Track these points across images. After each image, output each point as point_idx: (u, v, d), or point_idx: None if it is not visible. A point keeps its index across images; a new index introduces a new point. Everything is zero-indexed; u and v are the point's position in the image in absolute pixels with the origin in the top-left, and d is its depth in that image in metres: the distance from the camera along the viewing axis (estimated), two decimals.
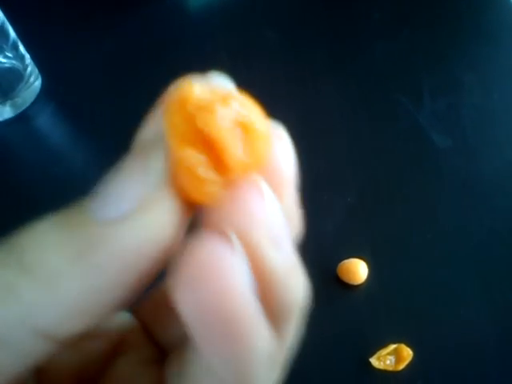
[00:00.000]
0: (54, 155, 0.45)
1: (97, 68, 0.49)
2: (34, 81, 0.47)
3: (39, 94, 0.47)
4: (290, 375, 0.15)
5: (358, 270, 0.36)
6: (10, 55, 0.45)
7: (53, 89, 0.48)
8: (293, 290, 0.13)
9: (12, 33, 0.45)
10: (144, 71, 0.49)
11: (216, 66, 0.53)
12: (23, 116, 0.46)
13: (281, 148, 0.14)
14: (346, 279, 0.36)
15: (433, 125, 0.44)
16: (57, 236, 0.11)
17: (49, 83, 0.48)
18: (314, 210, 0.15)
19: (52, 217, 0.12)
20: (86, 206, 0.12)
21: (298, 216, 0.14)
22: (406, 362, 0.33)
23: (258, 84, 0.47)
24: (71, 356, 0.16)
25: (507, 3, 0.51)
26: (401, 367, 0.33)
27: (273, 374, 0.13)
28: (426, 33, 0.50)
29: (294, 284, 0.13)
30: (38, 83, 0.48)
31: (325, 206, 0.40)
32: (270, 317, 0.12)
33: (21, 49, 0.46)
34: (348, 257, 0.37)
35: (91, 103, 0.47)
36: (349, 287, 0.36)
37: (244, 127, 0.13)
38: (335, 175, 0.41)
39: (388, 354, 0.33)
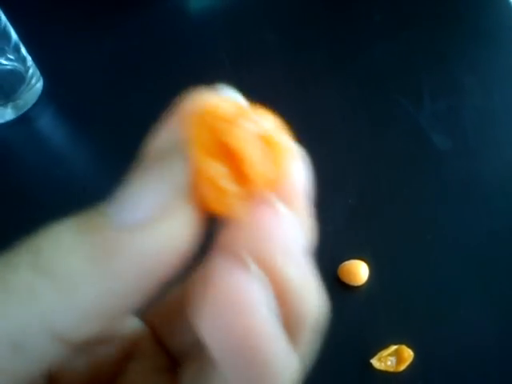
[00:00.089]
0: (56, 157, 0.45)
1: (98, 70, 0.49)
2: (36, 83, 0.47)
3: (41, 96, 0.47)
4: None
5: (359, 272, 0.36)
6: (12, 57, 0.45)
7: (54, 91, 0.48)
8: (310, 303, 0.13)
9: (14, 35, 0.45)
10: (145, 73, 0.49)
11: (217, 68, 0.53)
12: (25, 118, 0.46)
13: (298, 162, 0.14)
14: (347, 280, 0.36)
15: (433, 126, 0.44)
16: (76, 239, 0.12)
17: (50, 85, 0.48)
18: (315, 212, 0.15)
19: (70, 220, 0.12)
20: (105, 211, 0.12)
21: (310, 226, 0.15)
22: (407, 363, 0.33)
23: (259, 86, 0.47)
24: (83, 362, 0.16)
25: (507, 4, 0.51)
26: (402, 368, 0.33)
27: None
28: (426, 34, 0.50)
29: (311, 296, 0.13)
30: (40, 85, 0.48)
31: (325, 208, 0.40)
32: (288, 329, 0.12)
33: (22, 51, 0.46)
34: (349, 258, 0.37)
35: (92, 105, 0.47)
36: (350, 288, 0.36)
37: (266, 141, 0.13)
38: (336, 177, 0.41)
39: (389, 355, 0.33)
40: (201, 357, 0.14)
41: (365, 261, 0.37)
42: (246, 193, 0.13)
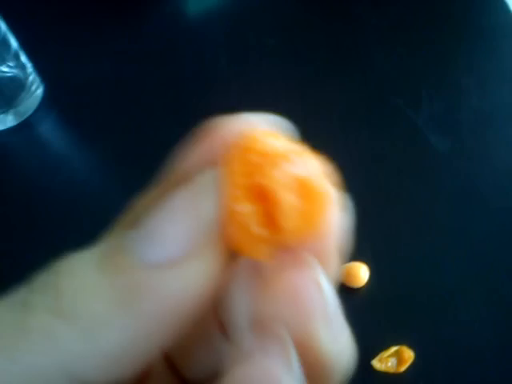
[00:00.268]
0: (57, 162, 0.45)
1: (98, 75, 0.50)
2: (36, 89, 0.48)
3: (41, 102, 0.48)
4: None
5: (359, 274, 0.36)
6: (12, 64, 0.46)
7: (55, 97, 0.48)
8: (343, 363, 0.13)
9: (14, 42, 0.45)
10: (144, 78, 0.49)
11: (215, 71, 0.54)
12: (26, 124, 0.47)
13: (337, 215, 0.13)
14: (348, 282, 0.36)
15: (431, 128, 0.44)
16: (99, 281, 0.11)
17: (51, 91, 0.48)
18: None
19: (89, 253, 0.11)
20: (130, 247, 0.11)
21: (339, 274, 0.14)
22: (408, 364, 0.33)
23: (257, 88, 0.48)
24: None
25: (505, 6, 0.51)
26: (402, 369, 0.33)
27: None
28: (424, 37, 0.50)
29: (345, 357, 0.13)
30: (40, 91, 0.48)
31: None
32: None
33: (22, 58, 0.46)
34: (349, 260, 0.37)
35: (93, 110, 0.48)
36: (350, 290, 0.36)
37: (305, 188, 0.12)
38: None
39: (390, 356, 0.34)
40: None
41: (365, 263, 0.37)
42: (276, 240, 0.12)
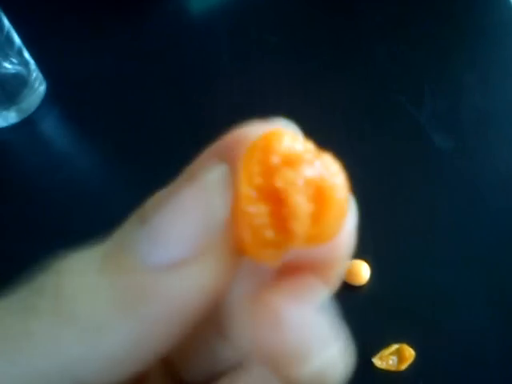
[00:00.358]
0: (59, 159, 0.46)
1: (100, 72, 0.50)
2: (39, 86, 0.48)
3: (44, 99, 0.48)
4: None
5: (361, 272, 0.36)
6: (15, 61, 0.46)
7: (57, 94, 0.48)
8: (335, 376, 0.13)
9: (17, 39, 0.45)
10: (147, 75, 0.49)
11: (218, 68, 0.54)
12: (28, 121, 0.47)
13: (350, 223, 0.13)
14: (349, 280, 0.36)
15: (433, 126, 0.44)
16: (101, 282, 0.10)
17: (53, 88, 0.49)
18: None
19: (93, 254, 0.11)
20: (133, 246, 0.11)
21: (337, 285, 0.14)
22: (409, 362, 0.33)
23: (260, 85, 0.47)
24: None
25: (507, 3, 0.51)
26: (403, 367, 0.33)
27: None
28: (427, 34, 0.50)
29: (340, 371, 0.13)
30: (43, 88, 0.48)
31: None
32: None
33: (25, 55, 0.46)
34: (350, 258, 0.37)
35: (95, 107, 0.48)
36: (351, 288, 0.36)
37: (322, 193, 0.11)
38: None
39: (390, 354, 0.34)
40: None
41: (366, 261, 0.37)
42: (285, 244, 0.11)
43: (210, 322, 0.14)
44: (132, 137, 0.45)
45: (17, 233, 0.41)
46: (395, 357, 0.34)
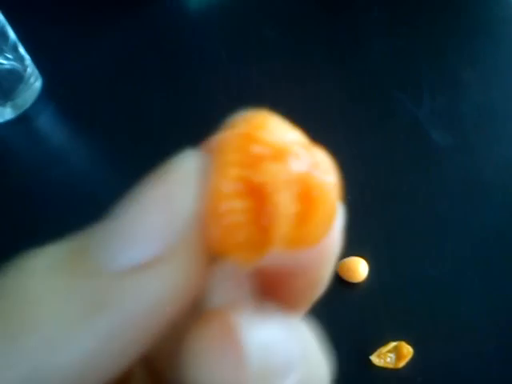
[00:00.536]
0: (55, 155, 0.45)
1: (97, 68, 0.49)
2: (34, 82, 0.47)
3: (39, 95, 0.47)
4: None
5: (358, 269, 0.36)
6: (10, 56, 0.45)
7: (53, 89, 0.48)
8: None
9: (12, 34, 0.45)
10: (144, 71, 0.49)
11: (216, 65, 0.53)
12: (24, 117, 0.46)
13: (337, 227, 0.12)
14: (347, 277, 0.36)
15: (432, 122, 0.44)
16: (61, 288, 0.09)
17: (49, 84, 0.48)
18: None
19: (56, 253, 0.10)
20: (96, 246, 0.10)
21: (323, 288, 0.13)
22: (406, 360, 0.33)
23: (258, 82, 0.47)
24: None
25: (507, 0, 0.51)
26: (401, 365, 0.33)
27: None
28: (426, 29, 0.50)
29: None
30: (39, 84, 0.48)
31: None
32: None
33: (21, 50, 0.46)
34: (348, 255, 0.37)
35: (91, 104, 0.47)
36: (349, 285, 0.36)
37: (309, 192, 0.10)
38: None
39: (388, 352, 0.33)
40: None
41: (364, 258, 0.37)
42: (263, 246, 0.10)
43: (188, 321, 0.13)
44: (128, 132, 0.45)
45: (13, 227, 0.41)
46: (393, 354, 0.33)
